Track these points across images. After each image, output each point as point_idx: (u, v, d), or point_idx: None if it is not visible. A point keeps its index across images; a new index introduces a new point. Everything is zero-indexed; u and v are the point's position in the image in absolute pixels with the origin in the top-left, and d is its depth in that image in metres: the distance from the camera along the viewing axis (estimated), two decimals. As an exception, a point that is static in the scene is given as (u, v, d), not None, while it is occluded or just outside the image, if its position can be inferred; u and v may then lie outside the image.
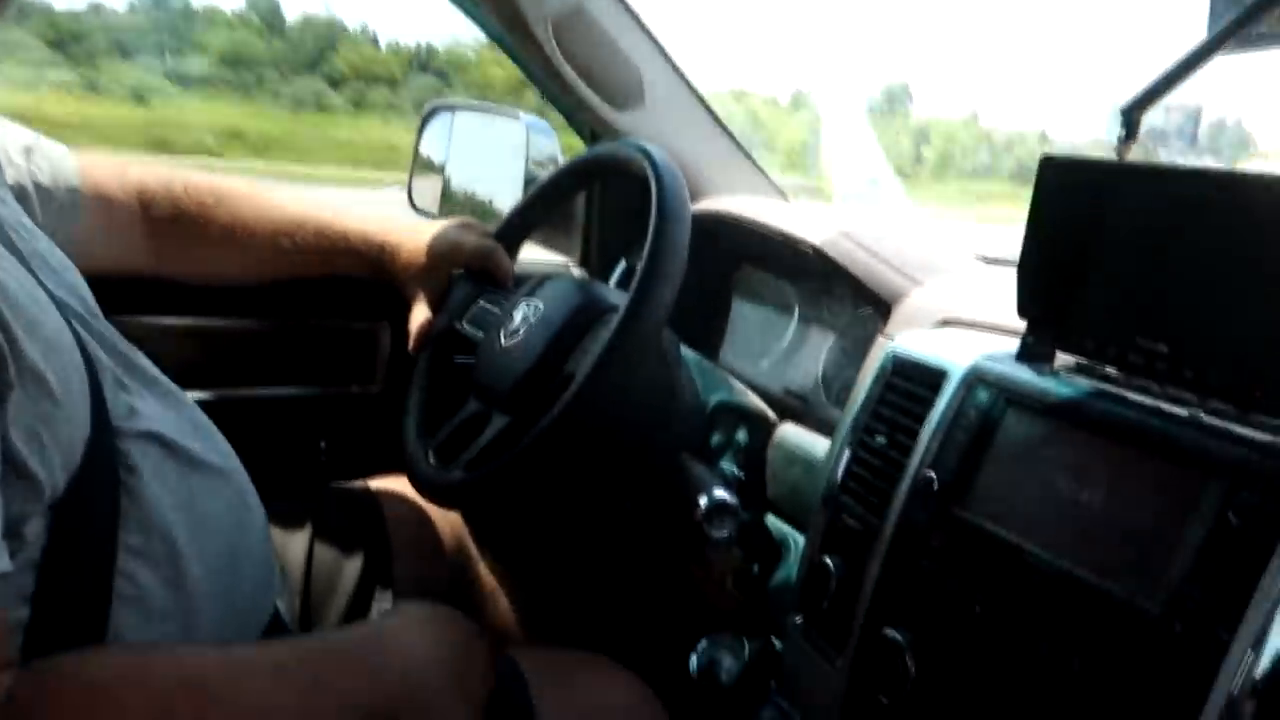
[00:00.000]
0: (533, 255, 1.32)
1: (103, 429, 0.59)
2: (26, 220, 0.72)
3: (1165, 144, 0.64)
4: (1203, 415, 0.59)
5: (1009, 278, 0.71)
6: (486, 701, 0.73)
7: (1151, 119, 0.68)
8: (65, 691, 0.51)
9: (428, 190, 1.35)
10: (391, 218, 1.05)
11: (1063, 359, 0.71)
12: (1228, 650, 0.51)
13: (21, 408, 0.51)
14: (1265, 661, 0.50)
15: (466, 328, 0.97)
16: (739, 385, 1.04)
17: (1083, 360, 0.69)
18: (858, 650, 0.74)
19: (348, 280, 1.06)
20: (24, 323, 0.53)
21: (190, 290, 1.03)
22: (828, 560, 0.78)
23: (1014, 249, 0.70)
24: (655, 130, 1.21)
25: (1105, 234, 0.64)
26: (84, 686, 0.51)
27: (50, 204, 0.84)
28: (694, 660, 0.91)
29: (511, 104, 1.31)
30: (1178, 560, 0.55)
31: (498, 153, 1.26)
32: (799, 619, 0.82)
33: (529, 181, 1.20)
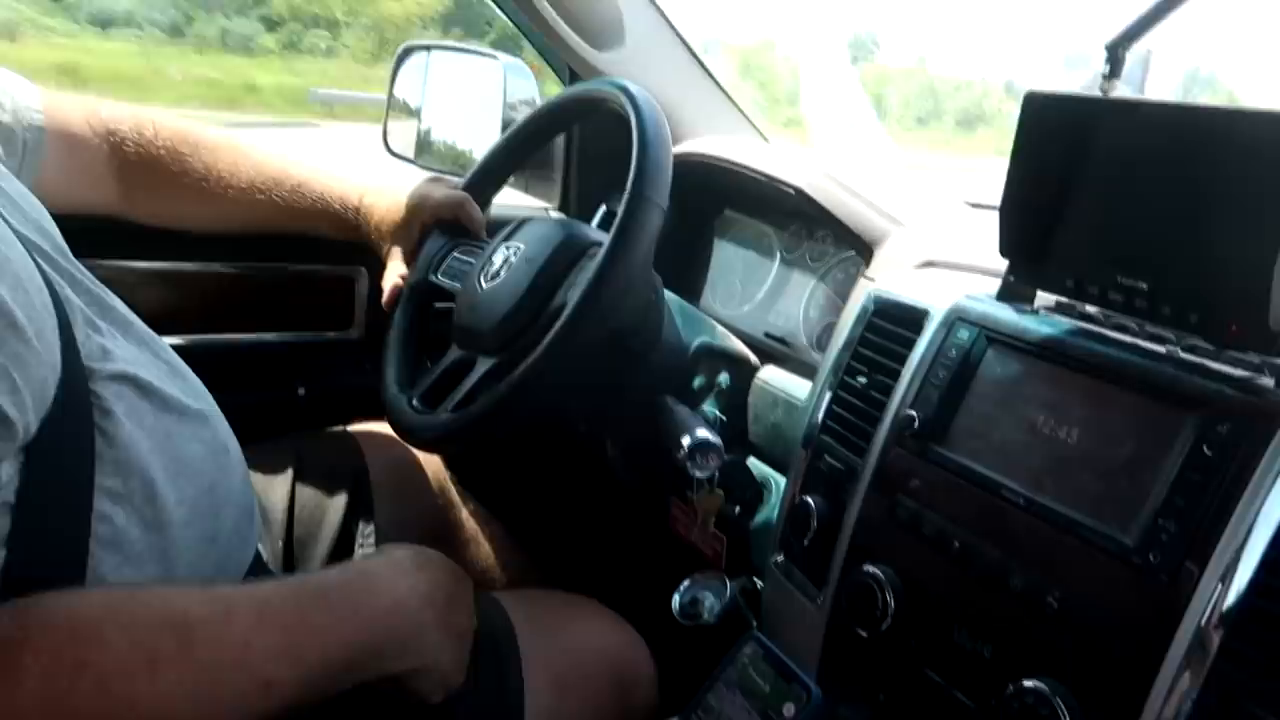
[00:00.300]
0: (512, 200, 1.30)
1: (74, 370, 0.58)
2: None
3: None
4: (1180, 352, 0.60)
5: (992, 221, 0.71)
6: (471, 641, 0.74)
7: (1099, 66, 0.68)
8: (48, 630, 0.50)
9: (403, 134, 1.32)
10: (366, 177, 1.04)
11: (1043, 298, 0.71)
12: (1198, 582, 0.52)
13: None
14: (1233, 593, 0.51)
15: (442, 279, 0.96)
16: (721, 329, 1.04)
17: (1063, 299, 0.69)
18: (838, 587, 0.75)
19: None
20: None
21: (165, 234, 1.01)
22: (809, 500, 0.79)
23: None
24: (635, 70, 1.19)
25: (1088, 170, 0.63)
26: (66, 626, 0.51)
27: (12, 142, 0.81)
28: (677, 600, 0.92)
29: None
30: (1153, 494, 0.56)
31: (474, 95, 1.24)
32: (780, 557, 0.83)
33: (506, 124, 1.18)
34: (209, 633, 0.56)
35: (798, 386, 0.96)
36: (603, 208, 1.26)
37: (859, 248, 0.96)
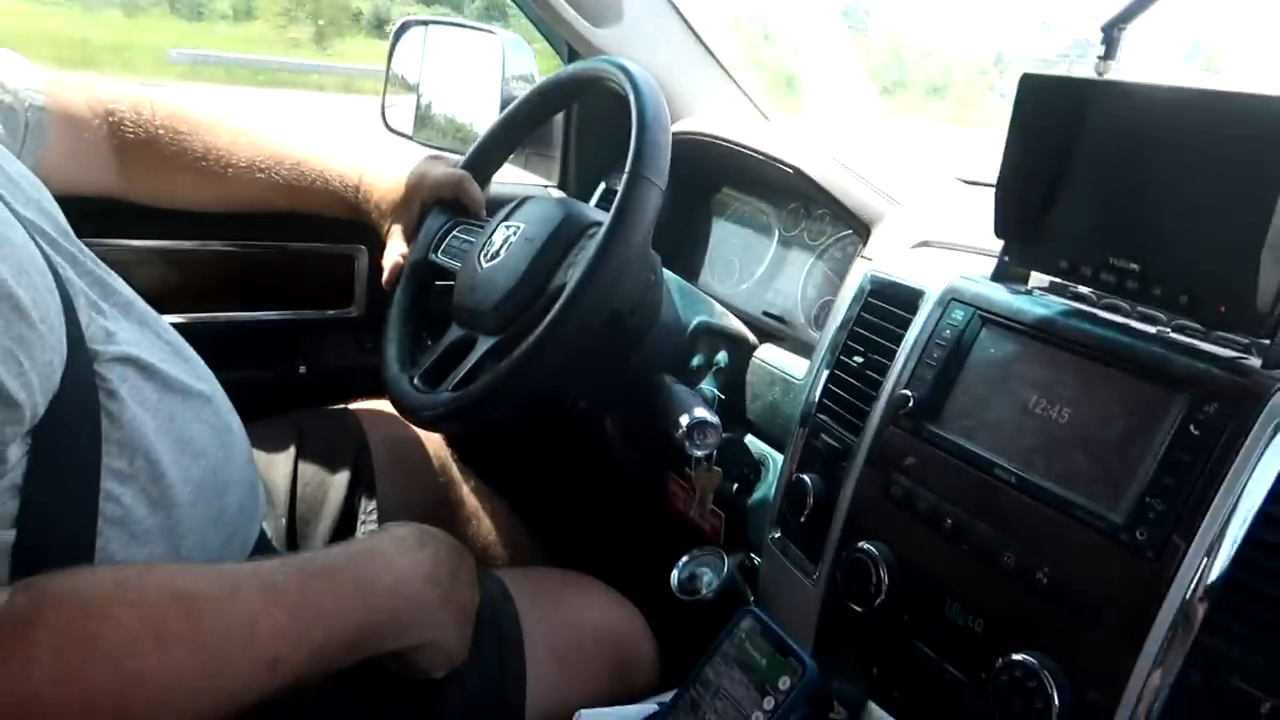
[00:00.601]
0: (511, 177, 1.30)
1: (79, 352, 0.59)
2: None
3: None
4: (1170, 332, 0.60)
5: (987, 199, 0.71)
6: (474, 618, 0.75)
7: (1076, 34, 0.68)
8: (59, 608, 0.51)
9: (402, 110, 1.32)
10: (365, 156, 1.04)
11: (1037, 279, 0.72)
12: (1184, 557, 0.54)
13: None
14: (1218, 568, 0.53)
15: (442, 258, 0.96)
16: (719, 307, 1.05)
17: (1057, 280, 0.70)
18: (833, 563, 0.76)
19: None
20: None
21: (165, 213, 1.02)
22: (805, 478, 0.80)
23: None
24: (634, 46, 1.19)
25: (1082, 152, 0.64)
26: (76, 604, 0.52)
27: (14, 123, 0.81)
28: (676, 576, 0.94)
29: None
30: (1142, 472, 0.57)
31: (473, 70, 1.23)
32: (777, 534, 0.84)
33: (505, 100, 1.18)
34: (216, 610, 0.57)
35: (795, 365, 0.96)
36: (602, 185, 1.26)
37: (856, 227, 0.96)
